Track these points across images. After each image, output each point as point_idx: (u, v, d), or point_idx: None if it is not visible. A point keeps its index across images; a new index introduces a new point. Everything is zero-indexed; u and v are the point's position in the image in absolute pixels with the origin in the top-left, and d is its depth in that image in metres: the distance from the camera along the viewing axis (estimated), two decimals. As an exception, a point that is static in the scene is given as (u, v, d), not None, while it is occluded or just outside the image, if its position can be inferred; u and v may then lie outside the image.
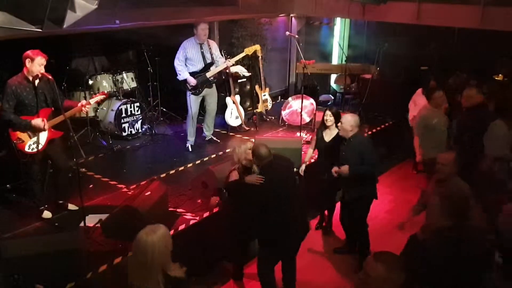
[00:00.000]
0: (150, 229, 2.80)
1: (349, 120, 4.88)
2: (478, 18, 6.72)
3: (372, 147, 4.98)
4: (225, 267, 5.13)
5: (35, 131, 4.76)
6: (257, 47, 7.60)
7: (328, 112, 5.43)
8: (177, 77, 6.86)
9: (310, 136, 7.30)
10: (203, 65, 6.94)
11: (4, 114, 4.63)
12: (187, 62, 6.85)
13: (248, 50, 7.46)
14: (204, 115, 7.43)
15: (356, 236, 5.33)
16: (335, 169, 4.99)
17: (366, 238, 5.23)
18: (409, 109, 7.06)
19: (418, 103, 6.76)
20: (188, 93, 6.96)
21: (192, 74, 6.84)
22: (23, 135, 4.74)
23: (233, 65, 7.34)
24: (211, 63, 7.00)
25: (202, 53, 6.91)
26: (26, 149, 4.75)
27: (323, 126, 5.51)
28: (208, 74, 6.95)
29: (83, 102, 5.10)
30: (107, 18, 5.90)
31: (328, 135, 5.46)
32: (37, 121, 4.72)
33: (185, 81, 6.83)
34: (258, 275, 4.45)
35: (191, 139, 7.16)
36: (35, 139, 4.78)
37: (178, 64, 6.79)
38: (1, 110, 4.69)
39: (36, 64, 4.61)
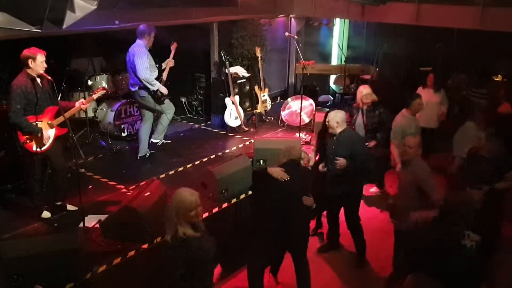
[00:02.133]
0: (188, 189, 3.27)
1: (333, 116, 4.93)
2: (477, 19, 6.72)
3: (363, 141, 5.06)
4: (225, 266, 5.13)
5: (43, 134, 4.79)
6: None
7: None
8: (151, 88, 6.35)
9: (310, 137, 7.31)
10: (158, 70, 6.65)
11: (13, 116, 4.60)
12: (150, 69, 6.35)
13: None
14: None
15: (353, 232, 5.31)
16: (321, 166, 5.10)
17: (362, 233, 5.26)
18: None
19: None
20: (153, 103, 6.51)
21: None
22: (32, 135, 4.74)
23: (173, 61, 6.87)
24: (160, 66, 6.76)
25: (153, 58, 6.57)
26: (34, 148, 4.76)
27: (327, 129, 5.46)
28: (164, 77, 6.72)
29: (83, 100, 5.14)
30: (106, 19, 5.90)
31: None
32: (45, 133, 4.78)
33: (155, 91, 6.41)
34: (248, 275, 4.48)
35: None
36: (42, 138, 4.79)
37: (150, 74, 6.28)
38: (8, 112, 4.66)
39: (39, 63, 4.62)
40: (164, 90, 6.49)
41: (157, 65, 6.65)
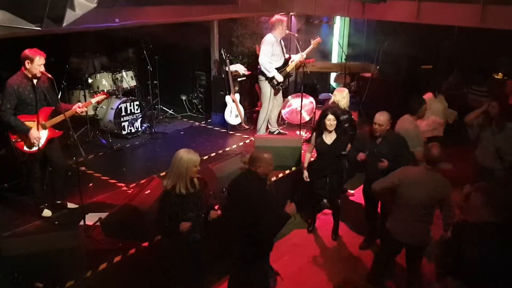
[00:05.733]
0: (188, 150, 3.89)
1: (386, 119, 5.07)
2: (478, 17, 6.71)
3: (406, 143, 5.13)
4: (225, 264, 5.14)
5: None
6: None
7: (331, 117, 5.40)
8: (267, 74, 7.12)
9: (310, 135, 7.30)
10: (283, 60, 7.22)
11: (4, 115, 4.60)
12: (271, 58, 7.08)
13: None
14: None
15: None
16: (362, 155, 5.16)
17: None
18: None
19: (432, 109, 6.48)
20: (269, 88, 7.23)
21: (276, 69, 7.14)
22: (22, 134, 4.73)
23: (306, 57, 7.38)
24: (289, 58, 7.32)
25: (282, 48, 7.20)
26: (25, 148, 4.75)
27: (324, 129, 5.47)
28: (288, 69, 7.29)
29: (79, 104, 5.09)
30: (106, 17, 5.89)
31: (329, 138, 5.47)
32: (34, 133, 4.70)
33: (271, 78, 7.14)
34: None
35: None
36: None
37: (268, 61, 7.05)
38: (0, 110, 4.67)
39: (36, 65, 4.60)
40: (279, 78, 7.17)
41: (287, 57, 7.34)
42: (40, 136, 4.78)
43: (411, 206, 4.22)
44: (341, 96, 6.18)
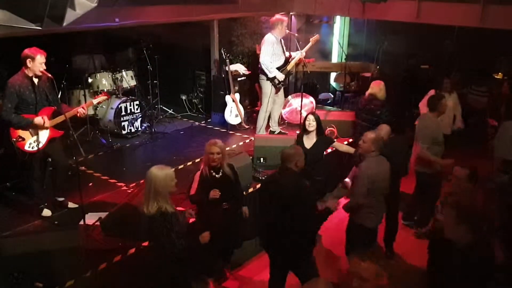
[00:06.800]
0: (160, 166, 3.72)
1: (386, 133, 5.05)
2: (477, 17, 6.72)
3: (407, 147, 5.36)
4: (223, 264, 5.15)
5: (37, 129, 4.76)
6: None
7: (310, 117, 5.39)
8: (268, 74, 7.08)
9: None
10: (284, 59, 7.22)
11: (4, 114, 4.61)
12: (272, 57, 7.08)
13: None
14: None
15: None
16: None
17: None
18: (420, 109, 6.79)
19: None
20: (270, 88, 7.20)
21: (277, 69, 7.17)
22: (24, 133, 4.73)
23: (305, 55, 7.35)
24: (289, 57, 7.32)
25: (282, 47, 7.21)
26: (26, 147, 4.75)
27: (304, 131, 5.46)
28: (289, 67, 7.28)
29: (83, 105, 5.12)
30: (106, 16, 5.89)
31: (309, 142, 5.43)
32: (39, 120, 4.72)
33: (272, 77, 7.13)
34: None
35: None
36: (35, 137, 4.79)
37: (269, 61, 7.04)
38: (0, 109, 4.68)
39: (37, 63, 4.60)
40: (280, 77, 7.15)
41: (287, 56, 7.30)
42: (45, 121, 4.78)
43: (377, 195, 4.44)
44: (378, 89, 6.25)
